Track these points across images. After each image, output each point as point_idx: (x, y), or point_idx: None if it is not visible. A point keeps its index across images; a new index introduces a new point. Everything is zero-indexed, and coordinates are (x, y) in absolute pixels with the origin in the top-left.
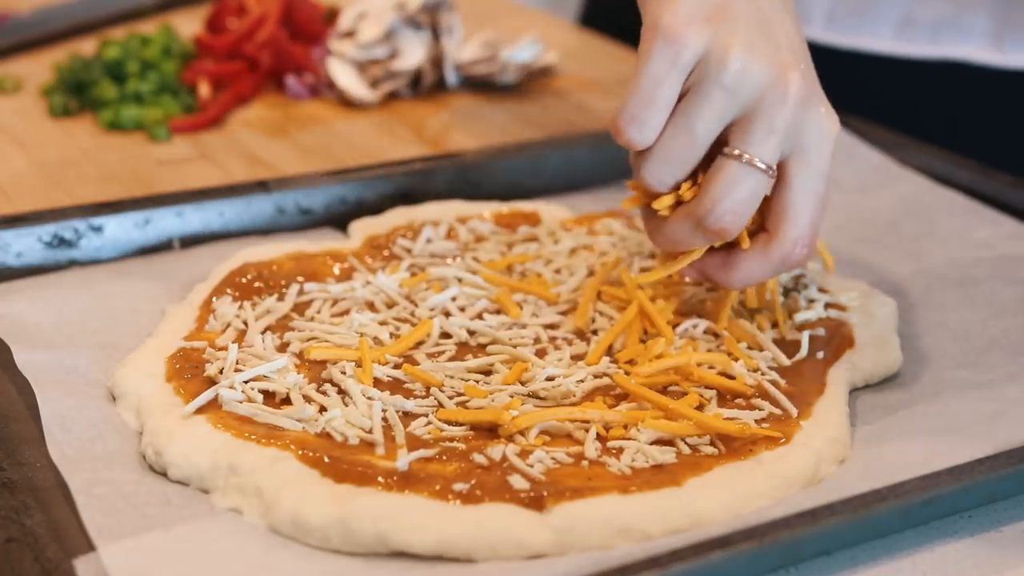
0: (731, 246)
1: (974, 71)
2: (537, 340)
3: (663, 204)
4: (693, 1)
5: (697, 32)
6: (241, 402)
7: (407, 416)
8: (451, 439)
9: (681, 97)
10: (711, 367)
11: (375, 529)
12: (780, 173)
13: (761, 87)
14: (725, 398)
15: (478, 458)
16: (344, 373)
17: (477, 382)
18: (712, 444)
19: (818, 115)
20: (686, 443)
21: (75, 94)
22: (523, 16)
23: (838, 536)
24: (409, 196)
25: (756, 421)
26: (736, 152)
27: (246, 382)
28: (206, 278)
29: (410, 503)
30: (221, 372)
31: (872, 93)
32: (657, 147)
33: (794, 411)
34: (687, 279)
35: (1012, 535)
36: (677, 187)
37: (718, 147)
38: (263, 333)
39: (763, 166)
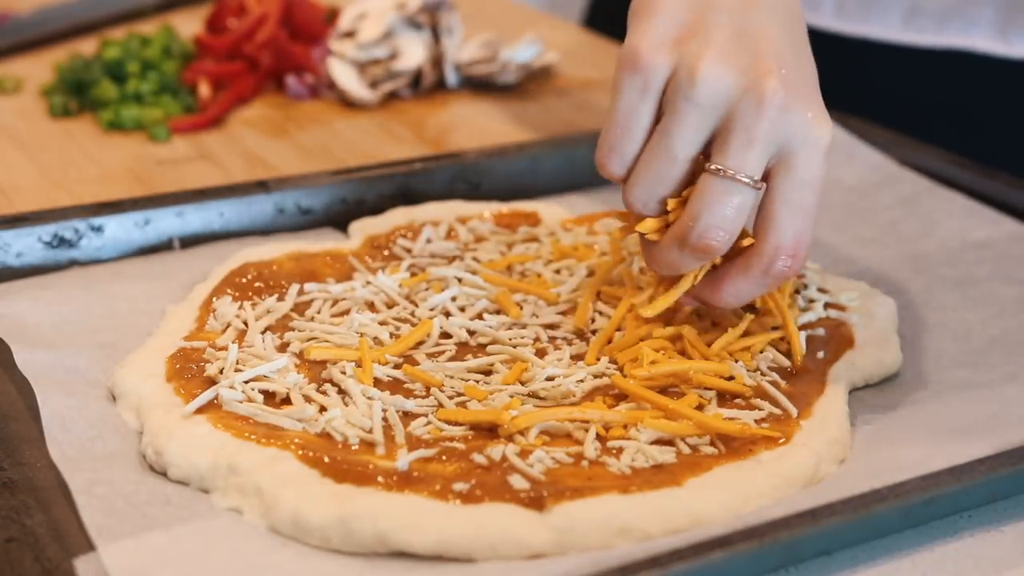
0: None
1: (981, 62)
2: (537, 340)
3: (647, 228)
4: (664, 24)
5: (664, 56)
6: (241, 402)
7: (407, 416)
8: (451, 439)
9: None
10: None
11: (375, 529)
12: (767, 182)
13: (733, 97)
14: (725, 398)
15: (478, 458)
16: (344, 373)
17: (477, 382)
18: (712, 444)
19: (803, 120)
20: (686, 443)
21: (75, 94)
22: (523, 16)
23: (838, 536)
24: (409, 196)
25: (756, 421)
26: (715, 167)
27: (246, 382)
28: (206, 278)
29: (410, 503)
30: (221, 372)
31: (881, 84)
32: (637, 171)
33: (794, 411)
34: (685, 306)
35: (1012, 535)
36: (665, 210)
37: (704, 163)
38: (263, 333)
39: (746, 179)
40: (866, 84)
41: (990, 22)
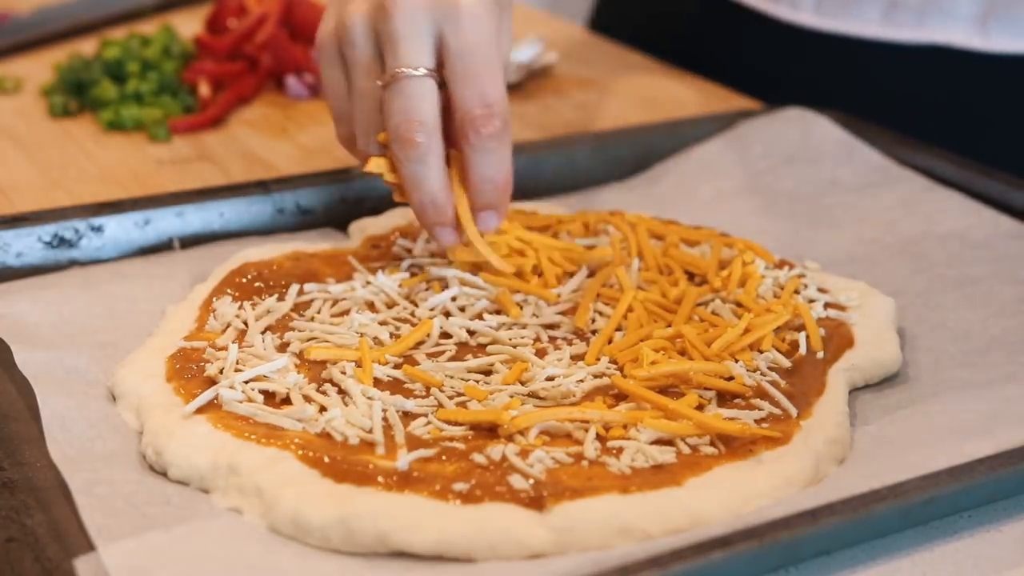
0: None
1: (960, 57)
2: (537, 340)
3: (374, 166)
4: (328, 7)
5: (328, 28)
6: (241, 402)
7: (407, 416)
8: (451, 439)
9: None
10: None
11: (375, 529)
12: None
13: (369, 21)
14: (725, 398)
15: (478, 458)
16: (344, 373)
17: (477, 382)
18: (712, 444)
19: (433, 1)
20: (686, 443)
21: (75, 94)
22: (523, 16)
23: (838, 536)
24: None
25: (756, 421)
26: (384, 78)
27: (246, 382)
28: (206, 278)
29: (410, 503)
30: (221, 372)
31: (862, 81)
32: (355, 122)
33: (794, 411)
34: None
35: (1012, 535)
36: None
37: None
38: (263, 333)
39: (411, 72)
40: (847, 81)
41: (968, 16)
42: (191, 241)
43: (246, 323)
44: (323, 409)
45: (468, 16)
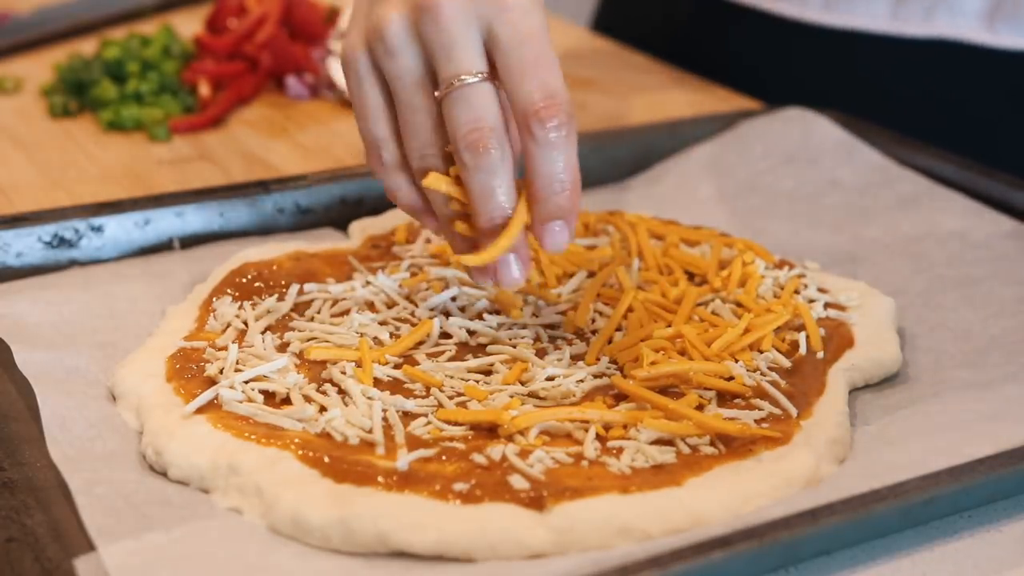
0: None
1: (968, 52)
2: (537, 340)
3: (433, 182)
4: (351, 20)
5: (356, 40)
6: (241, 402)
7: (407, 416)
8: (451, 439)
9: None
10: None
11: (375, 529)
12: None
13: (413, 29)
14: (725, 398)
15: (478, 458)
16: (344, 373)
17: (477, 382)
18: (712, 444)
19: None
20: (686, 443)
21: (75, 94)
22: None
23: (838, 536)
24: None
25: (756, 421)
26: (441, 90)
27: (246, 382)
28: (206, 278)
29: (410, 503)
30: (221, 372)
31: (862, 80)
32: (404, 139)
33: (794, 411)
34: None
35: (1012, 535)
36: (445, 166)
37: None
38: (263, 333)
39: (469, 78)
40: (847, 81)
41: (976, 12)
42: (191, 241)
43: (246, 323)
44: (323, 409)
45: (516, 7)
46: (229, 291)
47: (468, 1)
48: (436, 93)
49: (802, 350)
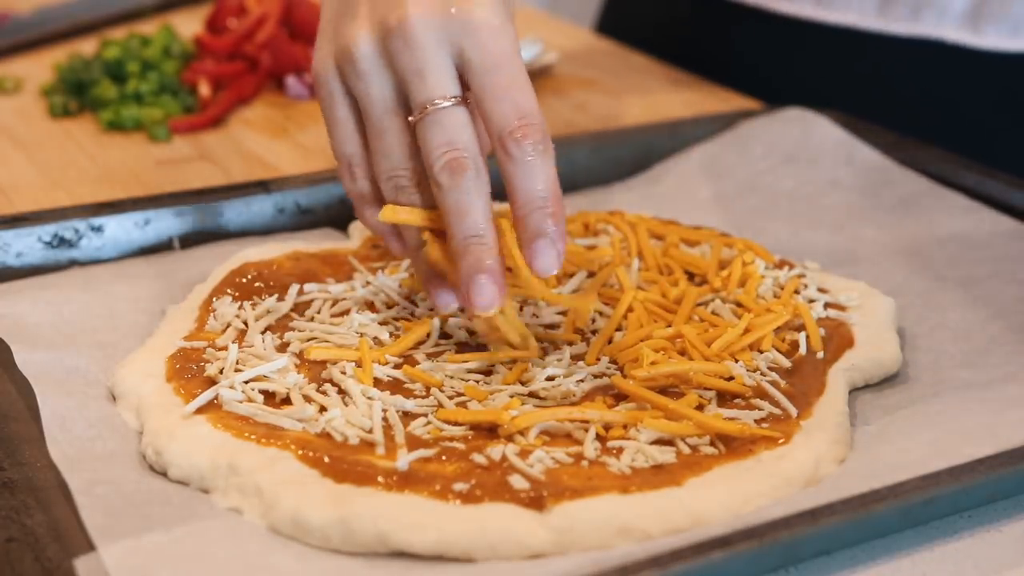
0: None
1: (960, 56)
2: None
3: (392, 215)
4: (319, 39)
5: (326, 58)
6: (241, 402)
7: (407, 416)
8: (451, 439)
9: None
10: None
11: (375, 529)
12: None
13: (380, 47)
14: (725, 398)
15: (478, 458)
16: (344, 373)
17: (477, 382)
18: (712, 444)
19: (452, 20)
20: (686, 443)
21: (75, 94)
22: (524, 16)
23: (838, 536)
24: None
25: (756, 421)
26: (415, 115)
27: (246, 382)
28: (206, 278)
29: (410, 503)
30: (221, 372)
31: (861, 79)
32: (373, 162)
33: (794, 411)
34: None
35: (1012, 535)
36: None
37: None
38: (263, 333)
39: (442, 103)
40: (847, 81)
41: (960, 13)
42: (191, 241)
43: (246, 323)
44: (323, 409)
45: (487, 29)
46: (229, 291)
47: (437, 21)
48: (410, 118)
49: (802, 350)
